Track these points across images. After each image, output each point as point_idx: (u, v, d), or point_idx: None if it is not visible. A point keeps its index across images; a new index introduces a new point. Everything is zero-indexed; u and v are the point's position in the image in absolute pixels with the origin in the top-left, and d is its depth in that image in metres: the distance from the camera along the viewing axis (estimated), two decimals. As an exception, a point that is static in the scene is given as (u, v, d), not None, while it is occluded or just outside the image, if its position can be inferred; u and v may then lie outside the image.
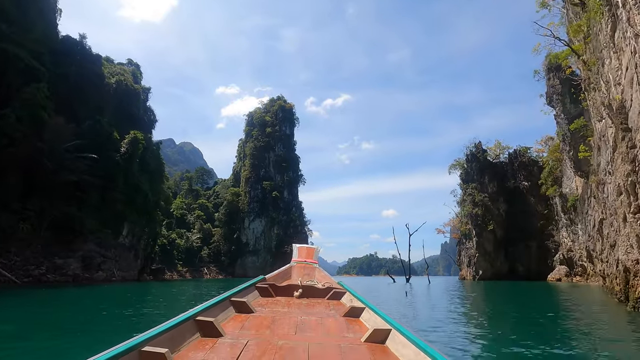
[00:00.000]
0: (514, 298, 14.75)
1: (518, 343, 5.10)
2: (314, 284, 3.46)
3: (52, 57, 36.09)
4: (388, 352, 1.67)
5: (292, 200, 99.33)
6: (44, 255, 26.09)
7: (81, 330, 6.13)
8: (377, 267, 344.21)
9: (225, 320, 2.14)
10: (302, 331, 1.99)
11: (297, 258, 4.49)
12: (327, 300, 3.10)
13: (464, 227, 43.67)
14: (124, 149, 37.72)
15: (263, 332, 1.95)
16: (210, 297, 2.26)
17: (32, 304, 11.25)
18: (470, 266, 41.56)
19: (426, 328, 6.25)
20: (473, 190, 42.06)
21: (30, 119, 29.05)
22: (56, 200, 29.77)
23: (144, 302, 11.58)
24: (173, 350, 1.48)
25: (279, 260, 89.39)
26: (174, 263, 74.86)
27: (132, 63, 55.48)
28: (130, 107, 45.14)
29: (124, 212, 36.12)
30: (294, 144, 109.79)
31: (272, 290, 3.20)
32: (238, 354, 1.52)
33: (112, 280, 28.14)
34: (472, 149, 44.48)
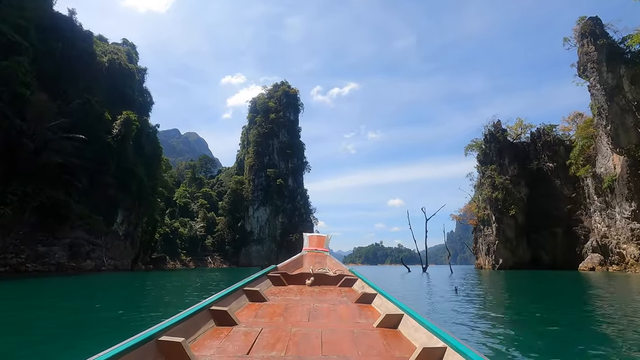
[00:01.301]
0: (582, 292, 11.93)
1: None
2: (326, 271, 3.47)
3: (39, 33, 33.33)
4: (400, 336, 1.69)
5: (297, 188, 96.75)
6: (26, 243, 23.77)
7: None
8: (383, 257, 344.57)
9: (239, 309, 2.19)
10: (314, 318, 2.03)
11: (308, 247, 4.38)
12: (339, 288, 3.12)
13: (481, 212, 40.64)
14: (116, 131, 35.11)
15: (276, 319, 1.98)
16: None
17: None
18: (489, 254, 38.69)
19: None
20: (492, 173, 38.90)
21: (9, 95, 26.47)
22: (42, 184, 27.36)
23: (97, 298, 8.96)
24: (189, 339, 1.52)
25: (283, 249, 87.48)
26: (177, 252, 73.29)
27: (127, 43, 52.49)
28: (124, 88, 42.36)
29: (116, 198, 33.73)
30: (298, 131, 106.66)
31: (284, 279, 3.26)
32: (252, 341, 1.57)
33: (101, 269, 25.86)
34: (491, 129, 41.10)
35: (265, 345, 1.52)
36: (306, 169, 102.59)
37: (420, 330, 1.59)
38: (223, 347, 1.50)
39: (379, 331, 1.76)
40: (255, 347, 1.50)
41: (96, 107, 34.54)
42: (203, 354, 1.42)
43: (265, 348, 1.50)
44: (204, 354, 1.42)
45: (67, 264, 24.00)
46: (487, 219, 39.54)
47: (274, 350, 1.48)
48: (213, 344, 1.53)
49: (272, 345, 1.53)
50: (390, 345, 1.57)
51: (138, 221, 40.35)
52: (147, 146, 42.64)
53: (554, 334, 4.76)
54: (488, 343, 4.01)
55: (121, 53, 46.15)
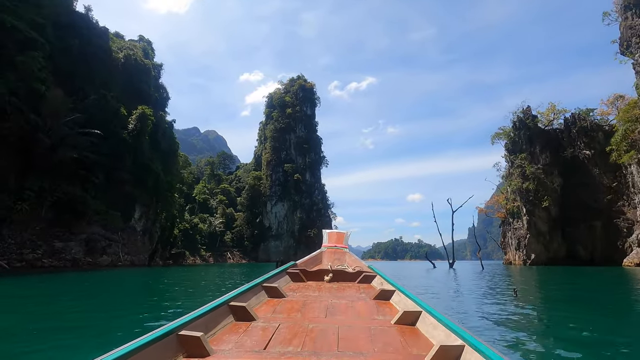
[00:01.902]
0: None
1: None
2: (345, 268, 3.46)
3: (56, 30, 33.44)
4: (418, 333, 1.68)
5: (314, 183, 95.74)
6: (43, 238, 23.70)
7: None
8: (403, 252, 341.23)
9: (258, 305, 2.20)
10: (332, 314, 2.03)
11: (327, 243, 4.35)
12: (358, 284, 3.11)
13: (510, 204, 38.14)
14: (131, 126, 34.91)
15: (294, 315, 2.00)
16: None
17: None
18: (520, 249, 36.24)
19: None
20: (522, 162, 36.33)
21: (24, 90, 26.47)
22: (58, 180, 27.35)
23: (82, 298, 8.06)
24: (208, 334, 1.55)
25: (302, 244, 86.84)
26: (197, 248, 73.97)
27: (143, 39, 52.59)
28: (140, 84, 42.28)
29: (133, 194, 33.58)
30: (315, 125, 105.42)
31: (302, 275, 3.28)
32: (270, 336, 1.59)
33: (117, 265, 25.58)
34: (520, 115, 38.35)
35: (282, 341, 1.54)
36: (323, 164, 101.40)
37: (439, 328, 1.58)
38: (241, 341, 1.53)
39: (397, 328, 1.76)
40: (272, 342, 1.52)
41: (112, 102, 34.43)
42: (221, 348, 1.44)
43: (282, 343, 1.52)
44: (222, 348, 1.44)
45: (83, 260, 23.79)
46: (517, 211, 37.05)
47: (290, 346, 1.49)
48: (231, 339, 1.57)
49: (289, 340, 1.55)
50: (408, 343, 1.55)
51: (156, 217, 40.34)
52: (164, 141, 42.49)
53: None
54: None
55: (137, 49, 46.14)
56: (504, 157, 39.88)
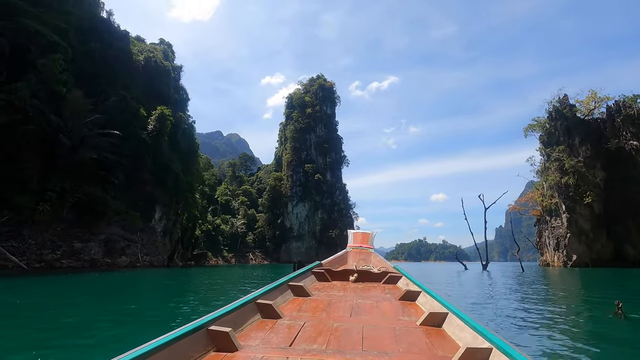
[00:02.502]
0: None
1: None
2: (370, 268, 3.47)
3: (78, 35, 34.08)
4: (445, 335, 1.67)
5: (335, 183, 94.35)
6: (64, 239, 23.72)
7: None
8: (427, 253, 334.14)
9: (284, 303, 2.26)
10: (357, 314, 2.04)
11: (352, 243, 4.36)
12: (383, 285, 3.12)
13: (547, 201, 35.24)
14: (151, 127, 34.96)
15: (319, 314, 2.02)
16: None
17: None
18: (559, 250, 33.34)
19: None
20: (560, 155, 33.45)
21: (46, 92, 26.81)
22: (79, 181, 27.50)
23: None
24: (236, 330, 1.60)
25: (323, 245, 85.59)
26: (219, 249, 74.45)
27: (163, 42, 53.21)
28: (159, 85, 42.58)
29: (153, 194, 33.52)
30: (335, 125, 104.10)
31: (328, 275, 3.31)
32: (295, 334, 1.62)
33: (136, 266, 25.31)
34: (556, 104, 35.41)
35: (307, 338, 1.57)
36: (344, 163, 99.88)
37: (465, 330, 1.56)
38: (267, 338, 1.57)
39: (422, 329, 1.75)
40: (297, 340, 1.55)
41: (132, 103, 34.60)
42: (249, 344, 1.49)
43: (307, 341, 1.55)
44: (249, 344, 1.49)
45: (102, 260, 23.61)
46: (555, 208, 34.16)
47: (315, 344, 1.51)
48: (258, 335, 1.61)
49: (314, 338, 1.57)
50: (433, 344, 1.54)
51: (177, 217, 40.32)
52: (183, 142, 42.55)
53: None
54: None
55: (157, 52, 46.61)
56: (538, 151, 37.01)
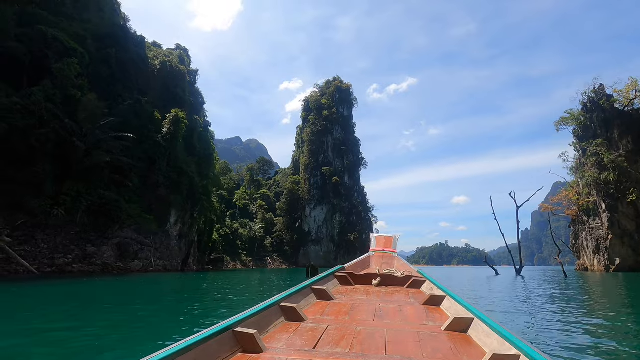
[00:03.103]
0: None
1: None
2: (393, 272, 3.44)
3: (95, 41, 34.44)
4: (470, 341, 1.64)
5: (353, 186, 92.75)
6: (77, 243, 23.42)
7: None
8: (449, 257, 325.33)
9: (307, 307, 2.26)
10: (380, 318, 2.03)
11: (375, 247, 4.35)
12: (407, 289, 3.11)
13: (584, 200, 32.41)
14: (165, 130, 34.73)
15: (342, 318, 2.01)
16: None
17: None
18: (599, 253, 30.46)
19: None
20: (598, 149, 30.69)
21: (61, 97, 26.88)
22: (94, 184, 27.37)
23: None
24: (261, 332, 1.61)
25: (342, 249, 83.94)
26: (237, 253, 74.13)
27: (180, 47, 53.60)
28: (175, 89, 42.59)
29: (168, 198, 33.15)
30: (352, 126, 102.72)
31: (350, 279, 3.29)
32: (319, 337, 1.63)
33: (148, 270, 24.75)
34: (591, 95, 32.66)
35: (330, 342, 1.57)
36: (362, 166, 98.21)
37: (492, 336, 1.53)
38: (291, 340, 1.59)
39: (447, 334, 1.72)
40: (321, 343, 1.56)
41: (146, 107, 34.51)
42: (273, 346, 1.50)
43: (331, 344, 1.54)
44: (274, 346, 1.51)
45: (114, 265, 23.12)
46: (594, 207, 31.33)
47: (338, 347, 1.51)
48: (282, 337, 1.62)
49: (337, 341, 1.57)
50: (459, 350, 1.52)
51: (193, 221, 39.93)
52: (199, 145, 42.28)
53: None
54: None
55: (173, 56, 46.83)
56: (572, 146, 34.21)
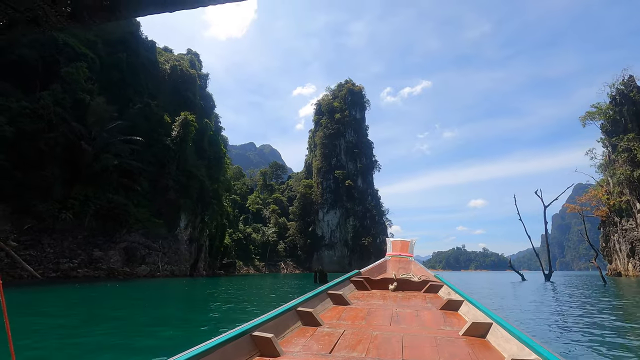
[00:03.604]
0: None
1: None
2: (410, 277, 3.43)
3: (106, 46, 34.60)
4: (489, 346, 1.62)
5: (366, 189, 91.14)
6: (83, 247, 23.04)
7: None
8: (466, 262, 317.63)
9: (324, 311, 2.27)
10: (396, 323, 2.03)
11: (391, 252, 4.34)
12: (424, 294, 3.08)
13: (615, 199, 30.18)
14: (175, 133, 34.44)
15: (358, 322, 2.01)
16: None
17: None
18: (635, 256, 28.18)
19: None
20: (630, 144, 28.51)
21: (70, 101, 26.83)
22: (103, 188, 27.12)
23: None
24: (278, 336, 1.63)
25: (356, 253, 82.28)
26: (250, 258, 73.54)
27: (191, 52, 53.80)
28: (185, 92, 42.48)
29: (177, 201, 32.73)
30: (365, 129, 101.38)
31: (367, 284, 3.29)
32: (335, 341, 1.63)
33: (155, 275, 24.17)
34: (620, 87, 30.54)
35: (347, 346, 1.57)
36: (376, 168, 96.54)
37: (511, 341, 1.50)
38: (308, 345, 1.60)
39: (465, 339, 1.70)
40: (337, 347, 1.56)
41: (156, 110, 34.34)
42: (290, 350, 1.52)
43: (347, 349, 1.55)
44: (291, 350, 1.52)
45: (121, 269, 22.61)
46: (627, 207, 29.08)
47: (355, 352, 1.51)
48: (299, 342, 1.64)
49: (354, 346, 1.57)
50: (477, 355, 1.50)
51: (204, 225, 39.47)
52: (209, 149, 41.97)
53: None
54: None
55: (184, 60, 46.91)
56: (600, 142, 32.01)
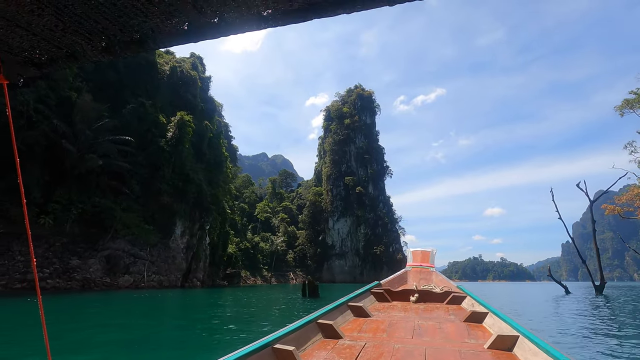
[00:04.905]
0: None
1: None
2: (431, 288, 3.36)
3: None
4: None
5: (378, 196, 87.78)
6: (60, 255, 20.84)
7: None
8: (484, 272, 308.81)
9: (344, 324, 2.26)
10: (419, 335, 1.98)
11: (412, 262, 4.28)
12: (446, 305, 3.04)
13: (662, 200, 26.36)
14: (170, 134, 32.47)
15: (380, 335, 1.99)
16: None
17: None
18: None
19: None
20: (678, 136, 24.91)
21: (56, 98, 25.15)
22: (88, 191, 25.11)
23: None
24: (299, 349, 1.63)
25: (368, 263, 78.60)
26: (258, 267, 70.91)
27: (194, 55, 52.54)
28: (185, 94, 40.80)
29: (172, 206, 30.51)
30: (376, 134, 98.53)
31: (387, 295, 3.26)
32: (356, 354, 1.61)
33: (140, 286, 21.73)
34: (663, 74, 26.94)
35: (368, 359, 1.55)
36: (387, 174, 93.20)
37: (539, 355, 1.45)
38: (329, 358, 1.58)
39: (491, 353, 1.65)
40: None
41: (150, 110, 32.51)
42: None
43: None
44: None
45: (99, 280, 20.26)
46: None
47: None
48: (320, 355, 1.62)
49: (375, 359, 1.55)
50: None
51: (203, 233, 37.16)
52: (209, 152, 39.94)
53: None
54: None
55: (185, 63, 45.51)
56: (640, 134, 28.26)
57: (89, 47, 0.65)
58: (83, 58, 0.68)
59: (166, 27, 0.60)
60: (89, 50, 0.66)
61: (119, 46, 0.65)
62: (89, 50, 0.66)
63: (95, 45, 0.65)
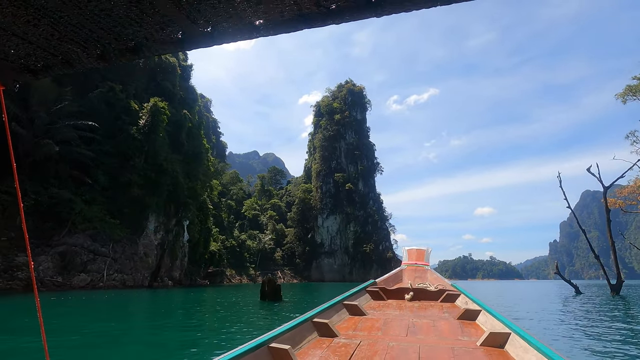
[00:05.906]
0: None
1: None
2: (426, 286, 3.37)
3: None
4: (507, 357, 1.60)
5: (368, 193, 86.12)
6: (5, 251, 18.35)
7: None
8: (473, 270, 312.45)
9: (340, 322, 2.27)
10: (413, 333, 2.01)
11: (407, 261, 4.31)
12: (440, 303, 3.05)
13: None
14: (142, 121, 30.00)
15: (375, 333, 2.01)
16: None
17: None
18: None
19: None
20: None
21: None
22: (46, 180, 22.61)
23: None
24: (295, 347, 1.64)
25: (357, 261, 76.88)
26: (245, 266, 68.55)
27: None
28: (163, 82, 38.28)
29: (143, 199, 28.09)
30: (366, 130, 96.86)
31: (382, 294, 3.28)
32: (351, 353, 1.63)
33: (97, 286, 19.39)
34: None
35: (363, 357, 1.57)
36: (378, 171, 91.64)
37: (530, 352, 1.48)
38: (325, 356, 1.60)
39: (483, 350, 1.68)
40: (353, 359, 1.56)
41: (120, 96, 29.97)
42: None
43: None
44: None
45: (49, 279, 17.86)
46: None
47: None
48: (316, 353, 1.64)
49: (370, 357, 1.57)
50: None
51: (180, 229, 34.80)
52: (188, 143, 37.52)
53: None
54: None
55: (164, 50, 42.97)
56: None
57: (85, 54, 0.67)
58: (78, 65, 0.70)
59: (160, 35, 0.63)
60: (84, 58, 0.68)
61: (113, 54, 0.66)
62: (84, 58, 0.68)
63: (91, 53, 0.67)
